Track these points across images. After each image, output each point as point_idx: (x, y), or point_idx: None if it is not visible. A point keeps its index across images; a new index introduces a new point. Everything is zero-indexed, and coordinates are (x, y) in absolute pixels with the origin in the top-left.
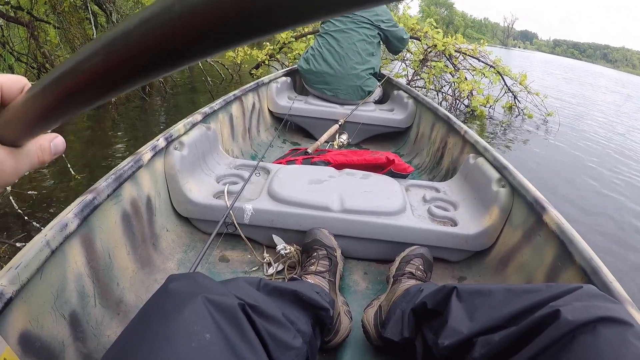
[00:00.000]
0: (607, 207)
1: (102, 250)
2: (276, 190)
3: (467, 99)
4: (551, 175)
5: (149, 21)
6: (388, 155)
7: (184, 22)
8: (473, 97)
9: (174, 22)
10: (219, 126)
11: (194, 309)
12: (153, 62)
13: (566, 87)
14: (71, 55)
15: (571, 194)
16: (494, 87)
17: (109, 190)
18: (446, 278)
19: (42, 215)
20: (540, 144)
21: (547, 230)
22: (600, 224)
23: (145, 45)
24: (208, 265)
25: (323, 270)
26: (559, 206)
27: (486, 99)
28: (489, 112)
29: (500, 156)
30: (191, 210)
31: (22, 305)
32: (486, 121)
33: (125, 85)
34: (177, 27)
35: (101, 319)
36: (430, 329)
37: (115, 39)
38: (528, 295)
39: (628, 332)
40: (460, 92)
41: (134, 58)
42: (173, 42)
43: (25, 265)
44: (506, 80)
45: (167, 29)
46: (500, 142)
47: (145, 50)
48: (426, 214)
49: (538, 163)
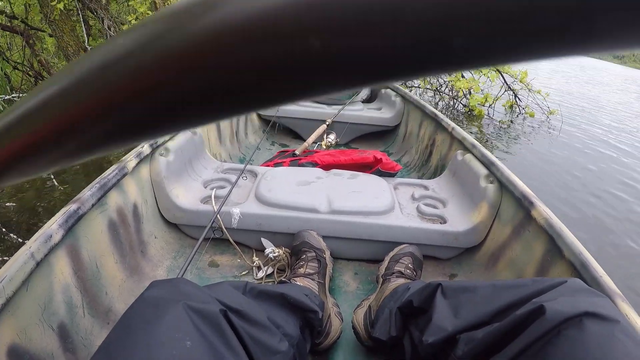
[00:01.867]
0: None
1: (89, 260)
2: (263, 194)
3: (465, 98)
4: (557, 177)
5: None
6: (375, 154)
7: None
8: (471, 96)
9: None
10: (205, 130)
11: (175, 316)
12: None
13: (573, 85)
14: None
15: (578, 197)
16: (493, 85)
17: (94, 199)
18: (437, 276)
19: (23, 226)
20: (543, 144)
21: (535, 226)
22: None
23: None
24: (197, 271)
25: (312, 272)
26: (568, 211)
27: (485, 97)
28: (489, 112)
29: (487, 152)
30: (179, 216)
31: (8, 318)
32: (486, 121)
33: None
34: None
35: (90, 328)
36: (417, 326)
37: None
38: (513, 291)
39: (615, 327)
40: (457, 90)
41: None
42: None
43: (10, 278)
44: (506, 78)
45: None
46: (502, 143)
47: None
48: (415, 212)
49: (543, 163)
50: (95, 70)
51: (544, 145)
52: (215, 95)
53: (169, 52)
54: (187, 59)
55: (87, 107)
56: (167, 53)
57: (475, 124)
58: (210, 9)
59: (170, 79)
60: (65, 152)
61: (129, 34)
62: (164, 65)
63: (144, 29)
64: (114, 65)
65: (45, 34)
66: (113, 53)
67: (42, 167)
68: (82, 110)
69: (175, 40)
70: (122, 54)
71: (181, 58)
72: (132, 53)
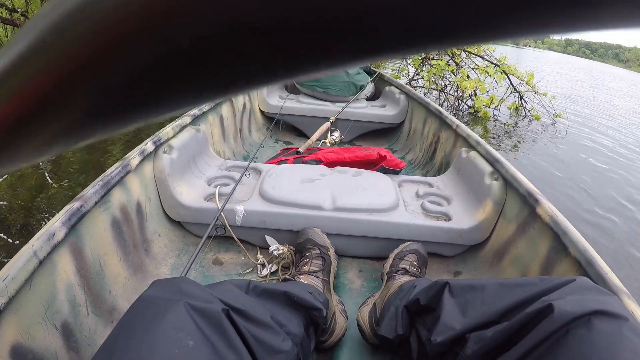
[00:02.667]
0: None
1: (92, 258)
2: (267, 191)
3: (470, 99)
4: (563, 181)
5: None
6: (380, 151)
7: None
8: (476, 97)
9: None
10: (209, 128)
11: (177, 316)
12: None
13: (579, 89)
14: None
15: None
16: (499, 87)
17: (97, 197)
18: (442, 273)
19: (15, 227)
20: (549, 147)
21: (541, 223)
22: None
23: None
24: (202, 269)
25: (316, 269)
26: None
27: (490, 99)
28: (494, 114)
29: (492, 149)
30: (183, 214)
31: (11, 317)
32: (491, 123)
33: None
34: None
35: (94, 327)
36: (424, 325)
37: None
38: (521, 289)
39: (623, 325)
40: (463, 90)
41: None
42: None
43: (13, 277)
44: (512, 79)
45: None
46: (507, 146)
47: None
48: (419, 210)
49: (548, 166)
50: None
51: (549, 148)
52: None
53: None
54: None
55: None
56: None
57: (480, 125)
58: None
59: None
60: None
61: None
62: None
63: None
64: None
65: None
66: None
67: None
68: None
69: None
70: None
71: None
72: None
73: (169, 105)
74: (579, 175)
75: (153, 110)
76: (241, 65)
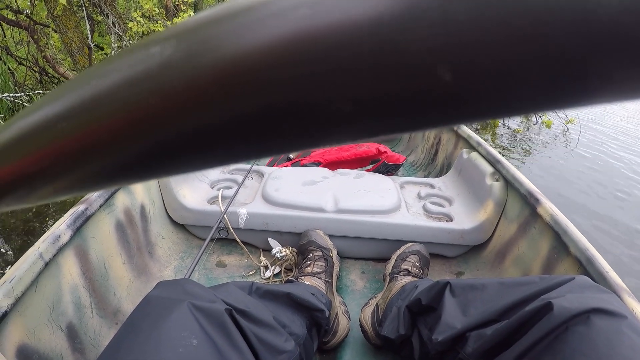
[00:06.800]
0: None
1: (97, 261)
2: (270, 193)
3: None
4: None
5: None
6: (379, 147)
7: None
8: None
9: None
10: None
11: (180, 315)
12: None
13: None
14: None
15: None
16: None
17: (101, 200)
18: (444, 274)
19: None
20: (559, 154)
21: (541, 222)
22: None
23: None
24: (205, 271)
25: (319, 271)
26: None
27: None
28: (503, 121)
29: (493, 150)
30: (186, 217)
31: (17, 318)
32: (500, 130)
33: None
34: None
35: (99, 329)
36: (425, 324)
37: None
38: (521, 288)
39: (622, 323)
40: None
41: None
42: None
43: (19, 278)
44: None
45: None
46: (517, 154)
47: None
48: (421, 211)
49: (559, 174)
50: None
51: (561, 155)
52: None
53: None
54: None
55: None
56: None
57: (489, 132)
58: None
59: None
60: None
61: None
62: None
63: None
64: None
65: (51, 29)
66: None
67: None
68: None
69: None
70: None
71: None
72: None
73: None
74: (588, 182)
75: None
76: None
